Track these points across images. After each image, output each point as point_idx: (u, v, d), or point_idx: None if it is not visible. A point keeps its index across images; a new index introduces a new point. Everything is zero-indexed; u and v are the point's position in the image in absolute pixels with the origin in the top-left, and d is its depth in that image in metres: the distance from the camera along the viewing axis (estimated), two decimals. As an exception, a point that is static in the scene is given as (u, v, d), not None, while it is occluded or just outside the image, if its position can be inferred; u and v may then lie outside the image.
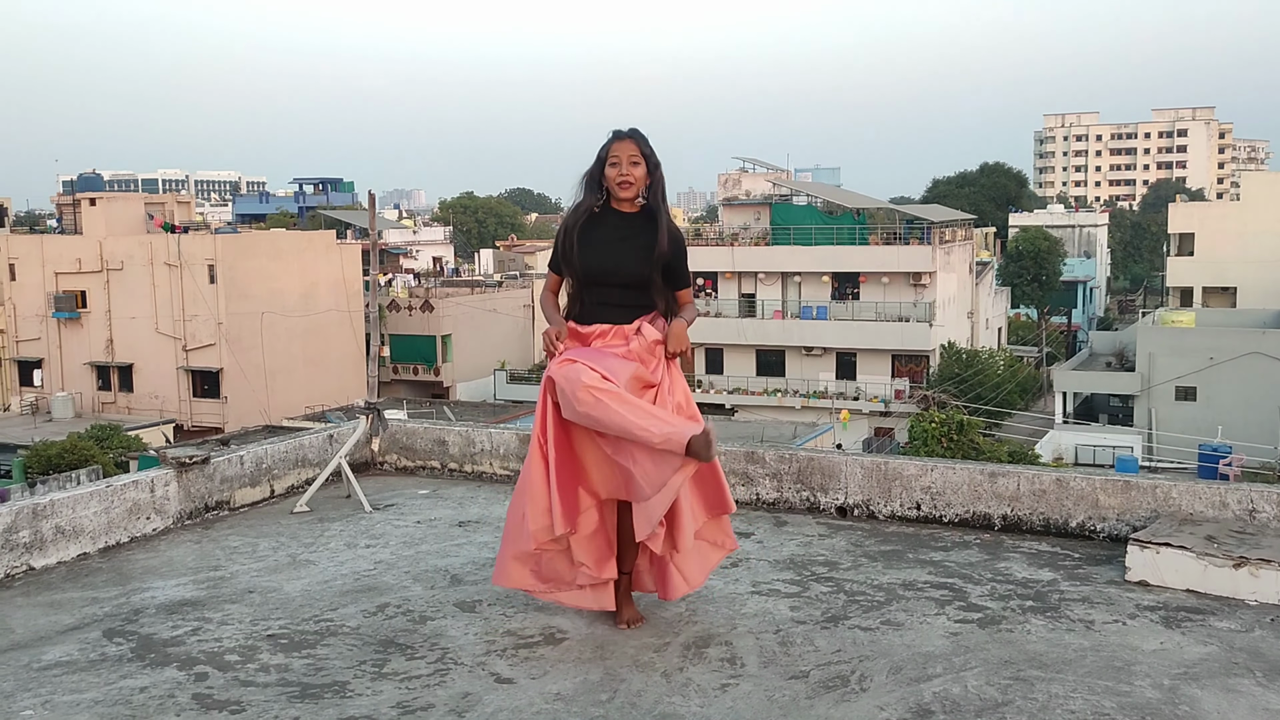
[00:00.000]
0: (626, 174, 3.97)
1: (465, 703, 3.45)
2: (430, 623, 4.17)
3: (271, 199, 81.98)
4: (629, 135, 4.02)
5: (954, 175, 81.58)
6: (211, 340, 41.99)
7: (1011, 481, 5.34)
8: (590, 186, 4.08)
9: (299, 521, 5.73)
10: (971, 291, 50.79)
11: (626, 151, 3.98)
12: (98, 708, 3.46)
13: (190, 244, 42.69)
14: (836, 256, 46.13)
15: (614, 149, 4.00)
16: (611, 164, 4.00)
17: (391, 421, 6.93)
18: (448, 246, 75.08)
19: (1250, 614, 4.19)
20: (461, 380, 49.63)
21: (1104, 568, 4.74)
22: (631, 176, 3.98)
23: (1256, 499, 4.87)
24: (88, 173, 64.78)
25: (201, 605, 4.42)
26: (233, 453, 6.11)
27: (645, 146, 4.02)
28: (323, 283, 45.34)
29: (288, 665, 3.78)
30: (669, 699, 3.45)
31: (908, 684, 3.55)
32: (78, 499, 5.14)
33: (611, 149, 4.01)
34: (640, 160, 4.00)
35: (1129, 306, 78.61)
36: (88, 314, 44.23)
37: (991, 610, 4.24)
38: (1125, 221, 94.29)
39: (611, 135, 4.05)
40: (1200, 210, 64.51)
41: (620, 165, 3.98)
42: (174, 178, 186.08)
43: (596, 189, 4.07)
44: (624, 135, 4.02)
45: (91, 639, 4.07)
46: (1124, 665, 3.69)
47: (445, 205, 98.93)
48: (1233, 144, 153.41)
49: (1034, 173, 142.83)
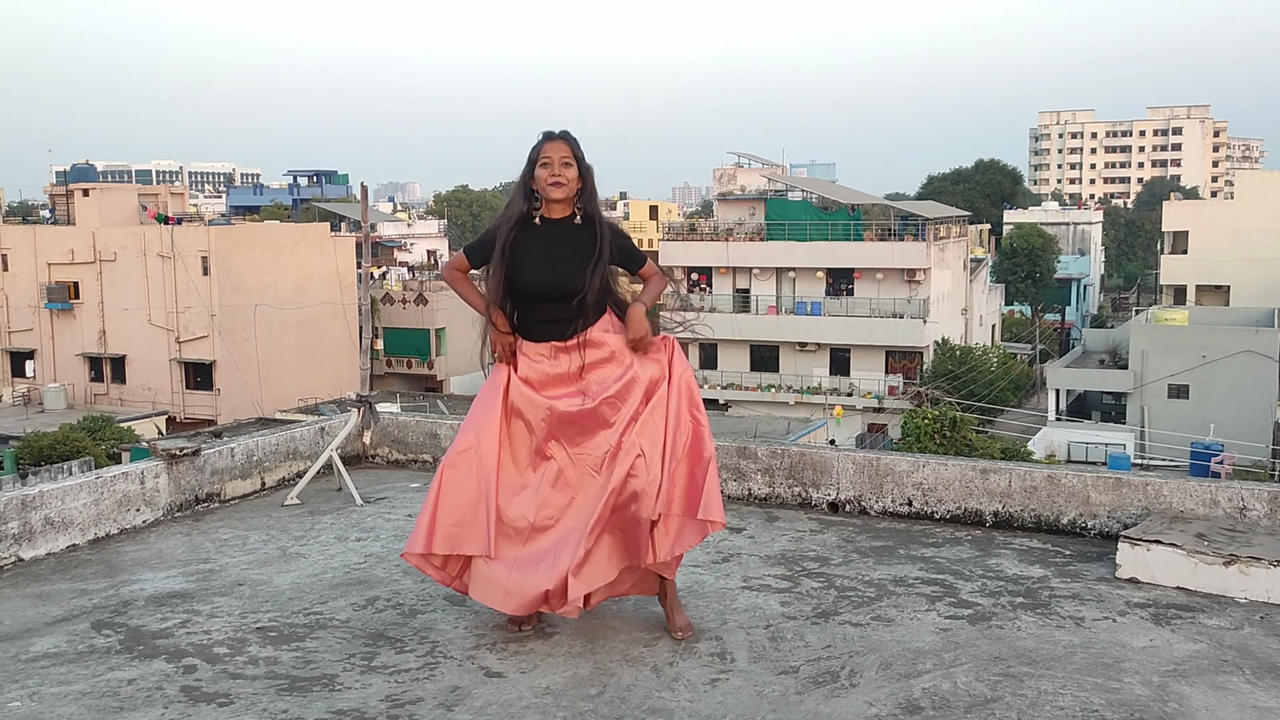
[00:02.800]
0: (559, 175, 3.81)
1: (454, 696, 3.45)
2: (420, 616, 4.16)
3: (265, 191, 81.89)
4: (560, 136, 3.88)
5: (949, 172, 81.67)
6: (204, 332, 41.91)
7: (1003, 478, 5.34)
8: (523, 193, 3.90)
9: (289, 514, 5.72)
10: (966, 288, 50.86)
11: (558, 152, 3.83)
12: (85, 699, 3.45)
13: (184, 235, 42.60)
14: (831, 252, 46.15)
15: (545, 150, 3.85)
16: (543, 164, 3.83)
17: (384, 414, 6.92)
18: (442, 240, 75.03)
19: (1240, 612, 4.20)
20: (455, 374, 49.58)
21: (1095, 565, 4.74)
22: (564, 177, 3.82)
23: (1247, 497, 4.88)
24: (81, 163, 64.51)
25: (191, 598, 4.40)
26: (223, 445, 6.09)
27: (577, 148, 3.88)
28: (316, 275, 45.25)
29: (277, 658, 3.77)
30: (659, 693, 3.44)
31: (898, 680, 3.55)
32: (67, 490, 5.13)
33: (543, 150, 3.85)
34: (572, 162, 3.84)
35: (1122, 304, 78.79)
36: (80, 305, 44.11)
37: (982, 606, 4.24)
38: (1119, 219, 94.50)
39: (541, 136, 3.89)
40: (1194, 208, 64.67)
41: (552, 166, 3.82)
42: (168, 169, 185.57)
43: (529, 195, 3.89)
44: (555, 136, 3.88)
45: (80, 631, 4.06)
46: (1114, 662, 3.70)
47: (440, 198, 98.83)
48: (1227, 142, 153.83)
49: (1029, 170, 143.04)
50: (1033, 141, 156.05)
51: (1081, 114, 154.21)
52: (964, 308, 50.65)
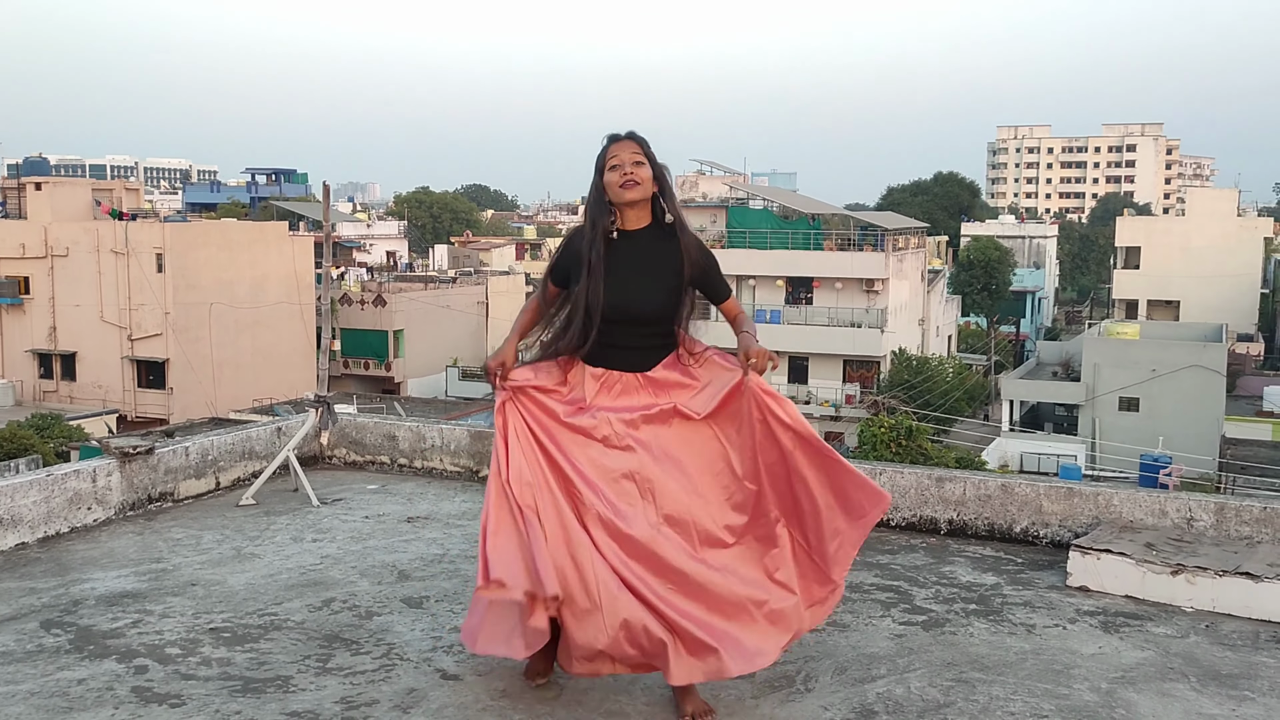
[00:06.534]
0: (631, 173, 3.41)
1: (410, 699, 3.44)
2: (376, 618, 4.14)
3: (223, 188, 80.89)
4: (628, 136, 3.50)
5: (908, 183, 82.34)
6: (158, 330, 41.33)
7: (958, 487, 5.40)
8: (598, 205, 3.48)
9: (244, 514, 5.66)
10: (923, 299, 51.30)
11: (627, 150, 3.45)
12: (34, 699, 3.40)
13: (138, 232, 41.97)
14: (791, 261, 46.39)
15: (611, 151, 3.47)
16: (612, 168, 3.44)
17: (341, 416, 6.88)
18: (402, 241, 74.52)
19: (1186, 620, 4.28)
20: (413, 376, 49.28)
21: (1046, 573, 4.81)
22: (638, 176, 3.42)
23: (1194, 508, 4.98)
24: (34, 156, 63.48)
25: (143, 597, 4.35)
26: (177, 444, 6.02)
27: (648, 148, 3.49)
28: (274, 274, 44.79)
29: (230, 659, 3.73)
30: (615, 697, 3.45)
31: (852, 684, 3.58)
32: (16, 488, 5.05)
33: (609, 152, 3.47)
34: (644, 160, 3.46)
35: (1076, 317, 79.82)
36: (30, 300, 43.33)
37: (936, 613, 4.29)
38: (1074, 233, 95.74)
39: (606, 140, 3.52)
40: (1146, 224, 65.86)
41: (623, 166, 3.42)
42: (123, 164, 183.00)
43: (606, 207, 3.47)
44: (620, 137, 3.50)
45: (28, 630, 4.00)
46: (1063, 669, 3.75)
47: (400, 199, 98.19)
48: (1180, 160, 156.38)
49: (986, 183, 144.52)
50: (990, 155, 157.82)
51: (1038, 129, 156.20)
52: (921, 318, 51.10)
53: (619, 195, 3.44)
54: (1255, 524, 4.87)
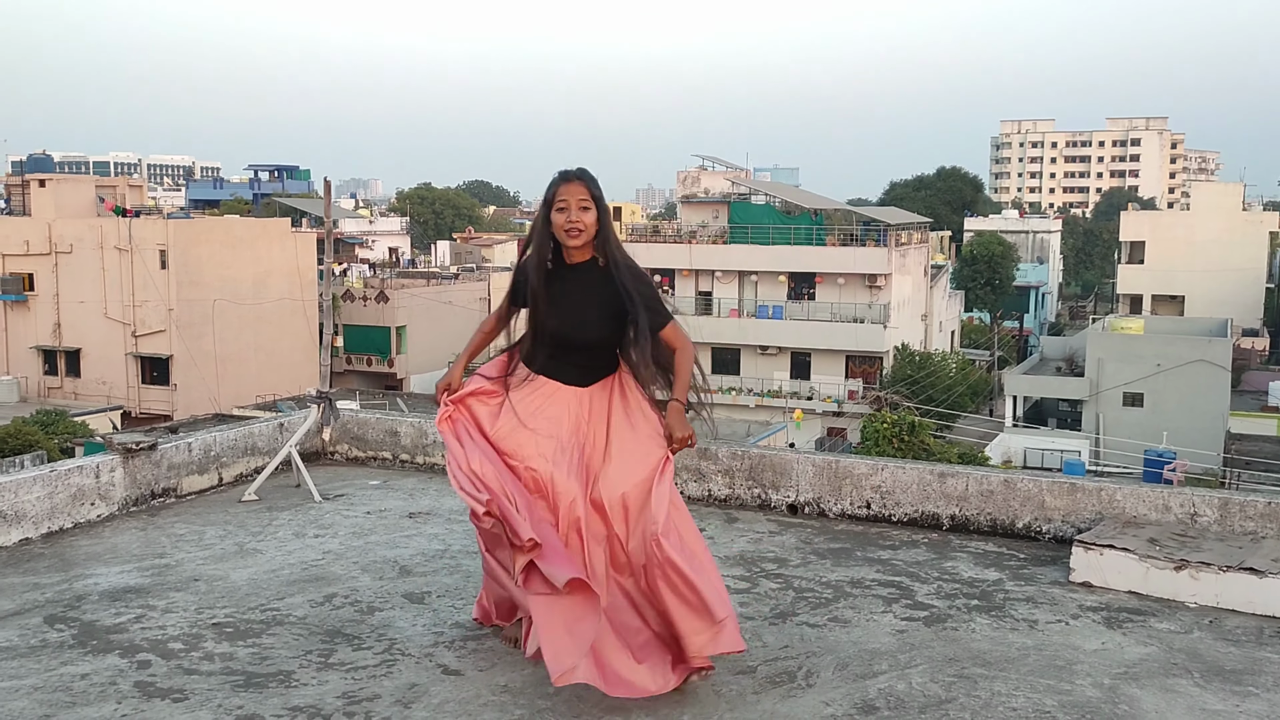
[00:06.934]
0: (576, 220, 3.57)
1: (412, 694, 3.44)
2: (378, 613, 4.15)
3: (226, 185, 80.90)
4: (578, 177, 3.63)
5: (911, 178, 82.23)
6: (162, 326, 41.38)
7: (960, 482, 5.40)
8: (542, 236, 3.67)
9: (247, 510, 5.67)
10: (926, 294, 51.24)
11: (575, 195, 3.59)
12: (37, 694, 3.41)
13: (142, 228, 42.00)
14: (793, 256, 46.34)
15: (560, 192, 3.60)
16: (559, 209, 3.59)
17: (343, 412, 6.88)
18: (404, 237, 74.54)
19: (1190, 616, 4.27)
20: (415, 372, 49.26)
21: (1048, 568, 4.81)
22: (581, 223, 3.58)
23: (1198, 503, 4.97)
24: (38, 153, 63.63)
25: (146, 593, 4.36)
26: (181, 439, 6.03)
27: (595, 189, 3.63)
28: (276, 271, 44.82)
29: (232, 654, 3.74)
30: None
31: (854, 680, 3.58)
32: (20, 483, 5.05)
33: (559, 193, 3.60)
34: (590, 204, 3.59)
35: (1080, 312, 79.70)
36: (35, 297, 43.40)
37: (937, 609, 4.28)
38: (1078, 228, 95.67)
39: (558, 177, 3.64)
40: (1151, 219, 65.67)
41: (569, 211, 3.58)
42: (126, 161, 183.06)
43: (548, 240, 3.66)
44: (572, 177, 3.63)
45: (32, 625, 4.00)
46: (1066, 664, 3.75)
47: (403, 196, 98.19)
48: (1184, 154, 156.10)
49: (990, 178, 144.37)
50: (994, 150, 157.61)
51: (1042, 123, 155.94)
52: (924, 313, 51.04)
53: (563, 239, 3.63)
54: (1260, 519, 4.86)
